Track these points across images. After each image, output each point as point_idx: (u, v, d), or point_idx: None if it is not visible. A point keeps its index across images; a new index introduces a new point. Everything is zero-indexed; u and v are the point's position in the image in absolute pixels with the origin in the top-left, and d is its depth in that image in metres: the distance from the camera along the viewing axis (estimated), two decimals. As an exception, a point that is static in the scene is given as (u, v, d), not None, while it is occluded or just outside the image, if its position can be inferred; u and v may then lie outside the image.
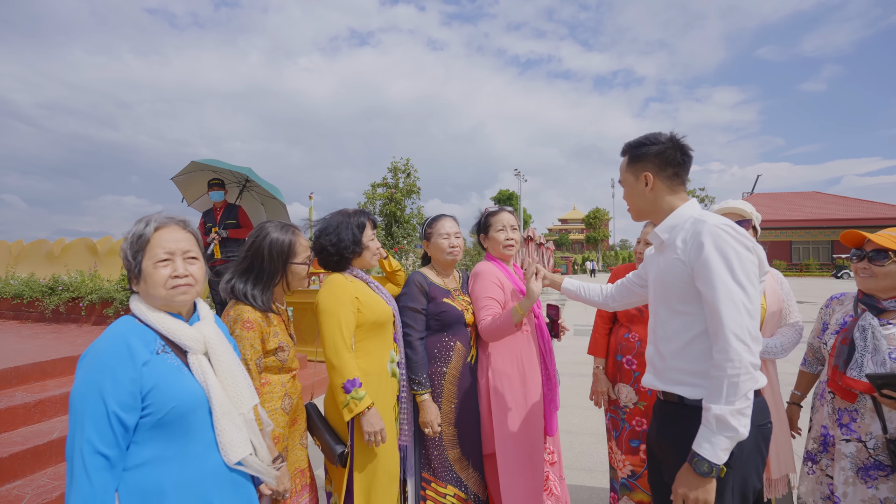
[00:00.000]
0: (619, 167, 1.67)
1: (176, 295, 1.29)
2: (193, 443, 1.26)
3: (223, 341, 1.39)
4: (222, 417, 1.30)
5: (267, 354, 1.77)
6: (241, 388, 1.37)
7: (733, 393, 1.27)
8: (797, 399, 2.21)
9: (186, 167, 5.59)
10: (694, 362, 1.44)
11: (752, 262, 1.36)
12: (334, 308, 1.93)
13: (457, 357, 2.23)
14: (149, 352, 1.23)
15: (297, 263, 1.86)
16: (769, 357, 2.08)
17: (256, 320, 1.72)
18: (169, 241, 1.31)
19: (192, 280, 1.33)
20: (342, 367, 1.87)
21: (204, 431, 1.28)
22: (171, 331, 1.29)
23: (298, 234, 1.90)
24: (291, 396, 1.84)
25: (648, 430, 1.69)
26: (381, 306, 2.07)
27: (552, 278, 2.23)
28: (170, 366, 1.25)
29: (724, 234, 1.36)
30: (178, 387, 1.24)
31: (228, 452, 1.29)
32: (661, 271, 1.54)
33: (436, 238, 2.32)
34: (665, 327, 1.53)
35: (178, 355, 1.30)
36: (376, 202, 15.25)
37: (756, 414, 1.37)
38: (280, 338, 1.80)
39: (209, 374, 1.31)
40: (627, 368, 2.40)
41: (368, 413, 1.87)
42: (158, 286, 1.28)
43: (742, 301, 1.30)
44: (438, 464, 2.17)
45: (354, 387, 1.86)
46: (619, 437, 2.39)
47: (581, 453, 3.74)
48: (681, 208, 1.53)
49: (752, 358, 1.28)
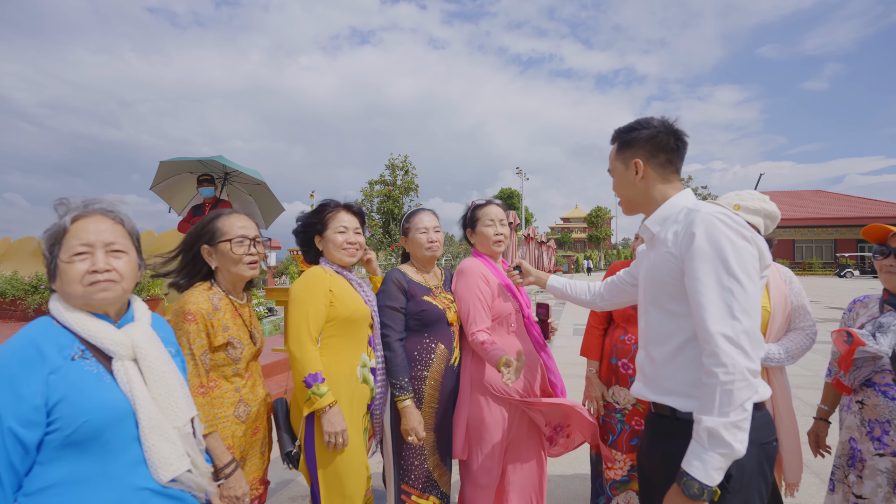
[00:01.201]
0: (609, 155, 1.53)
1: (95, 292, 1.14)
2: (114, 461, 1.11)
3: (157, 346, 1.24)
4: (151, 432, 1.15)
5: (214, 351, 1.61)
6: (175, 398, 1.22)
7: (727, 403, 1.12)
8: (825, 414, 2.04)
9: (158, 172, 5.49)
10: (687, 370, 1.29)
11: (750, 254, 1.20)
12: (304, 298, 1.82)
13: (439, 360, 2.08)
14: (62, 357, 1.08)
15: (221, 241, 1.68)
16: (773, 364, 1.90)
17: (200, 311, 1.57)
18: (89, 231, 1.15)
19: (117, 276, 1.17)
20: (304, 359, 1.76)
21: (128, 448, 1.13)
22: (91, 333, 1.13)
23: (232, 214, 1.74)
24: (249, 403, 1.69)
25: (640, 444, 1.54)
26: (356, 304, 1.92)
27: (537, 275, 2.10)
28: (86, 374, 1.10)
29: (717, 223, 1.21)
30: (93, 398, 1.08)
31: (159, 470, 1.14)
32: (651, 267, 1.40)
33: (414, 233, 2.18)
34: (656, 330, 1.38)
35: (101, 362, 1.14)
36: (374, 199, 15.12)
37: (758, 430, 1.22)
38: (231, 332, 1.65)
39: (136, 383, 1.16)
40: (623, 373, 2.26)
41: (329, 412, 1.74)
42: (74, 282, 1.13)
43: (737, 297, 1.15)
44: (419, 473, 2.03)
45: (316, 381, 1.74)
46: (618, 439, 2.27)
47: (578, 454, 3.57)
48: (673, 198, 1.39)
49: (749, 363, 1.13)
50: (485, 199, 2.34)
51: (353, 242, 1.99)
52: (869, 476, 1.66)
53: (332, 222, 1.97)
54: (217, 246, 1.67)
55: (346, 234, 1.98)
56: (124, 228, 1.24)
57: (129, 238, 1.25)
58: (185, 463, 1.19)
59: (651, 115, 1.47)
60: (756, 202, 1.99)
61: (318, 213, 1.99)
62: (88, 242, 1.15)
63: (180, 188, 5.86)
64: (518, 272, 2.10)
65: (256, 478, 1.75)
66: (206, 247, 1.68)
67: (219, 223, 1.69)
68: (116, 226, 1.22)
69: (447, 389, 2.09)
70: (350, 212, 2.02)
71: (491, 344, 1.96)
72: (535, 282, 2.09)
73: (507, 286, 2.20)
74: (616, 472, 2.24)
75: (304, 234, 2.02)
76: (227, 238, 1.67)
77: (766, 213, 1.99)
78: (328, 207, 2.00)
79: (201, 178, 5.44)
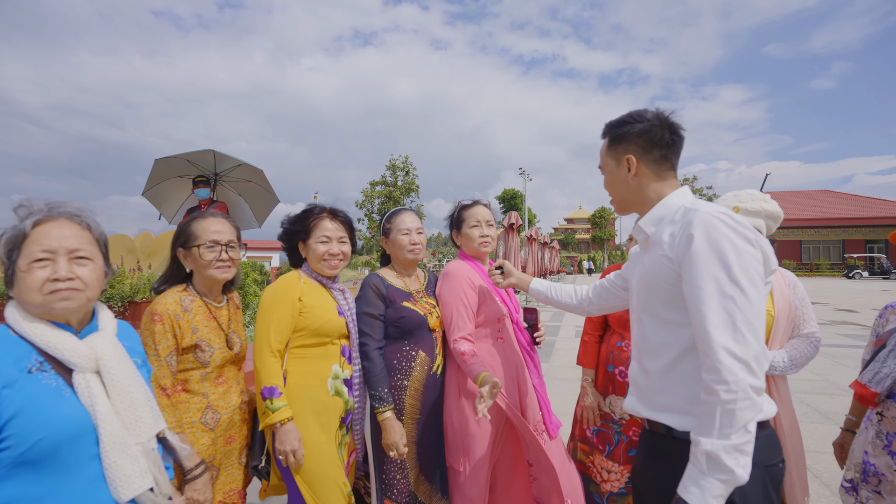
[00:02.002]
0: (600, 151, 1.42)
1: (55, 301, 1.07)
2: (71, 479, 1.04)
3: (121, 358, 1.16)
4: (113, 448, 1.09)
5: (183, 353, 1.56)
6: (140, 412, 1.16)
7: (728, 424, 1.01)
8: (852, 425, 1.91)
9: (153, 172, 5.39)
10: (684, 384, 1.17)
11: (754, 258, 1.09)
12: (269, 307, 1.75)
13: (420, 368, 1.96)
14: (17, 370, 1.02)
15: (193, 246, 1.65)
16: (777, 373, 1.79)
17: (166, 312, 1.54)
18: (51, 237, 1.09)
19: (80, 284, 1.10)
20: (261, 371, 1.69)
21: (87, 464, 1.07)
22: (50, 344, 1.07)
23: (205, 218, 1.69)
24: (218, 410, 1.62)
25: (634, 463, 1.42)
26: (328, 315, 1.81)
27: (519, 277, 1.97)
28: (43, 388, 1.04)
29: (718, 224, 1.10)
30: (51, 414, 1.02)
31: (119, 488, 1.08)
32: (645, 272, 1.28)
33: (395, 234, 2.06)
34: (650, 340, 1.27)
35: (62, 374, 1.08)
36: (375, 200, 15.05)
37: (763, 451, 1.10)
38: (200, 334, 1.59)
39: (98, 396, 1.09)
40: (621, 381, 2.14)
41: (281, 428, 1.65)
42: (32, 290, 1.06)
43: (740, 307, 1.04)
44: (402, 488, 1.92)
45: (272, 395, 1.67)
46: (615, 450, 2.15)
47: None
48: (669, 197, 1.28)
49: (753, 379, 1.02)
50: (472, 200, 2.23)
51: (335, 254, 1.87)
52: (889, 492, 1.54)
53: (315, 230, 1.86)
54: (190, 250, 1.64)
55: (329, 245, 1.86)
56: (91, 234, 1.17)
57: (97, 244, 1.18)
58: (148, 481, 1.13)
59: (645, 108, 1.35)
60: (756, 203, 1.88)
61: (302, 220, 1.89)
62: (50, 249, 1.08)
63: (171, 192, 5.78)
64: (500, 272, 1.98)
65: (233, 489, 1.68)
66: (181, 250, 1.66)
67: (193, 226, 1.67)
68: (83, 231, 1.15)
69: (429, 399, 1.98)
70: (335, 219, 1.90)
71: (471, 356, 1.84)
72: (517, 283, 1.97)
73: (495, 290, 2.09)
74: (613, 485, 2.14)
75: (287, 240, 1.92)
76: (198, 243, 1.64)
77: (768, 214, 1.88)
78: (312, 214, 1.88)
79: (197, 180, 5.41)
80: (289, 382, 1.75)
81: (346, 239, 1.92)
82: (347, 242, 1.92)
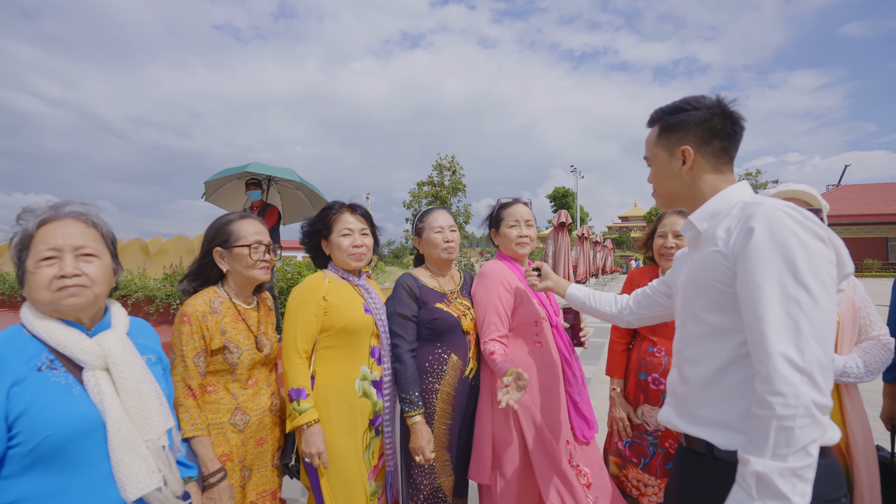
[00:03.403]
0: (647, 140, 1.29)
1: (63, 298, 1.10)
2: (83, 476, 1.06)
3: (131, 355, 1.18)
4: (120, 446, 1.10)
5: (212, 354, 1.58)
6: (150, 410, 1.17)
7: (784, 443, 0.88)
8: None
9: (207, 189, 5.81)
10: (730, 397, 1.05)
11: (825, 258, 0.95)
12: (295, 309, 1.77)
13: (452, 371, 1.91)
14: (27, 368, 1.05)
15: (237, 246, 1.66)
16: (849, 381, 1.60)
17: (195, 313, 1.56)
18: (56, 235, 1.12)
19: (87, 281, 1.13)
20: (289, 373, 1.71)
21: (98, 462, 1.09)
22: (60, 342, 1.10)
23: (245, 219, 1.71)
24: (247, 412, 1.63)
25: (668, 482, 1.29)
26: (354, 312, 1.80)
27: (556, 281, 1.86)
28: (52, 385, 1.06)
29: (784, 218, 0.97)
30: (58, 411, 1.04)
31: (126, 487, 1.09)
32: (694, 271, 1.16)
33: (428, 233, 2.01)
34: (694, 345, 1.15)
35: (72, 372, 1.10)
36: (422, 200, 15.15)
37: (821, 483, 0.94)
38: (229, 336, 1.60)
39: (107, 394, 1.11)
40: (654, 389, 2.00)
41: (308, 430, 1.67)
42: (41, 288, 1.09)
43: (806, 312, 0.91)
44: (429, 493, 1.87)
45: (299, 397, 1.68)
46: (650, 462, 2.02)
47: None
48: (726, 191, 1.16)
49: (817, 395, 0.88)
50: (512, 198, 2.15)
51: (359, 245, 1.87)
52: None
53: (336, 225, 1.87)
54: (231, 250, 1.65)
55: (352, 237, 1.86)
56: (97, 231, 1.20)
57: (103, 241, 1.21)
58: (156, 480, 1.13)
59: (702, 94, 1.22)
60: (808, 197, 1.72)
61: (323, 218, 1.91)
62: (56, 247, 1.11)
63: (233, 195, 6.06)
64: (537, 274, 1.88)
65: (266, 490, 1.69)
66: (219, 249, 1.67)
67: (233, 227, 1.68)
68: (88, 229, 1.18)
69: (461, 404, 1.92)
70: (355, 213, 1.91)
71: (501, 355, 1.76)
72: (554, 287, 1.86)
73: (534, 293, 1.99)
74: (651, 499, 2.00)
75: (310, 241, 1.94)
76: (244, 243, 1.66)
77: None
78: (332, 210, 1.90)
79: (249, 182, 5.62)
80: (316, 383, 1.76)
81: (368, 231, 1.93)
82: (369, 234, 1.93)
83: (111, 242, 1.23)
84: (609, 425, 2.19)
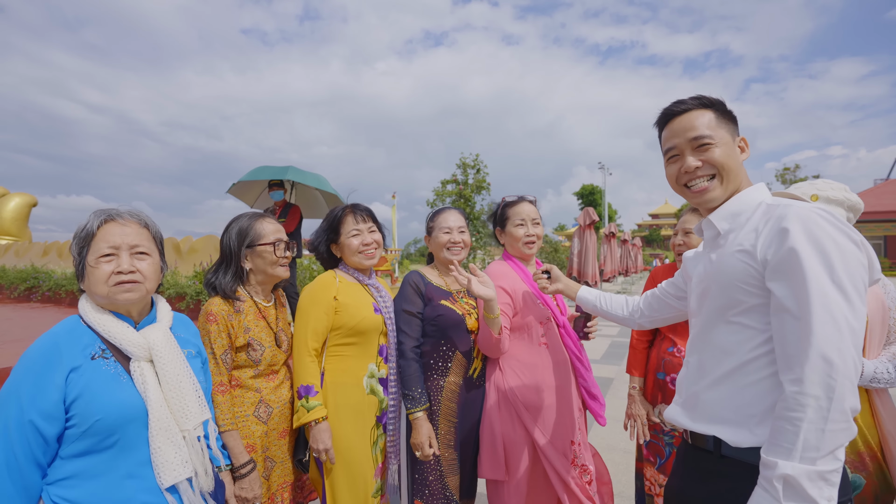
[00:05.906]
0: (699, 122, 1.17)
1: (118, 293, 1.20)
2: (126, 459, 1.16)
3: (172, 348, 1.27)
4: (159, 434, 1.18)
5: (237, 351, 1.65)
6: (187, 401, 1.25)
7: (815, 447, 0.87)
8: None
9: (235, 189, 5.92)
10: (741, 395, 1.05)
11: (859, 262, 0.95)
12: (307, 308, 1.81)
13: (456, 368, 1.94)
14: (83, 356, 1.15)
15: (260, 245, 1.72)
16: (880, 386, 1.55)
17: (220, 312, 1.62)
18: (115, 234, 1.22)
19: (140, 277, 1.23)
20: (299, 370, 1.75)
21: (140, 447, 1.18)
22: (111, 334, 1.20)
23: (264, 219, 1.78)
24: (270, 404, 1.70)
25: (668, 481, 1.28)
26: (364, 312, 1.84)
27: (566, 283, 1.85)
28: (103, 373, 1.16)
29: (819, 220, 0.97)
30: (108, 398, 1.14)
31: (161, 473, 1.18)
32: (712, 270, 1.16)
33: (437, 233, 2.05)
34: (709, 344, 1.15)
35: (121, 361, 1.20)
36: (446, 199, 15.18)
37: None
38: (252, 333, 1.66)
39: (151, 384, 1.20)
40: (672, 389, 1.99)
41: (316, 427, 1.71)
42: (99, 283, 1.19)
43: (842, 314, 0.91)
44: (435, 490, 1.89)
45: (308, 394, 1.72)
46: (666, 463, 2.02)
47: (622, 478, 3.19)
48: (746, 192, 1.17)
49: (853, 399, 0.89)
50: (517, 196, 2.15)
51: (368, 243, 1.92)
52: None
53: (343, 227, 1.92)
54: (255, 248, 1.71)
55: (361, 236, 1.91)
56: (149, 232, 1.30)
57: (154, 241, 1.31)
58: (187, 470, 1.21)
59: None
60: (838, 192, 1.65)
61: (329, 223, 1.95)
62: (114, 245, 1.21)
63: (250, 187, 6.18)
64: (546, 276, 1.88)
65: (286, 482, 1.75)
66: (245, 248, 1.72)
67: (256, 226, 1.74)
68: (142, 230, 1.28)
69: (466, 402, 1.94)
70: (359, 213, 1.95)
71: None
72: (564, 290, 1.84)
73: (538, 294, 1.99)
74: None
75: (318, 247, 1.98)
76: (266, 241, 1.72)
77: (850, 205, 1.66)
78: (336, 214, 1.95)
79: (272, 183, 5.76)
80: (326, 380, 1.81)
81: (375, 228, 1.97)
82: (377, 231, 1.97)
83: (160, 242, 1.33)
84: (627, 424, 2.18)
